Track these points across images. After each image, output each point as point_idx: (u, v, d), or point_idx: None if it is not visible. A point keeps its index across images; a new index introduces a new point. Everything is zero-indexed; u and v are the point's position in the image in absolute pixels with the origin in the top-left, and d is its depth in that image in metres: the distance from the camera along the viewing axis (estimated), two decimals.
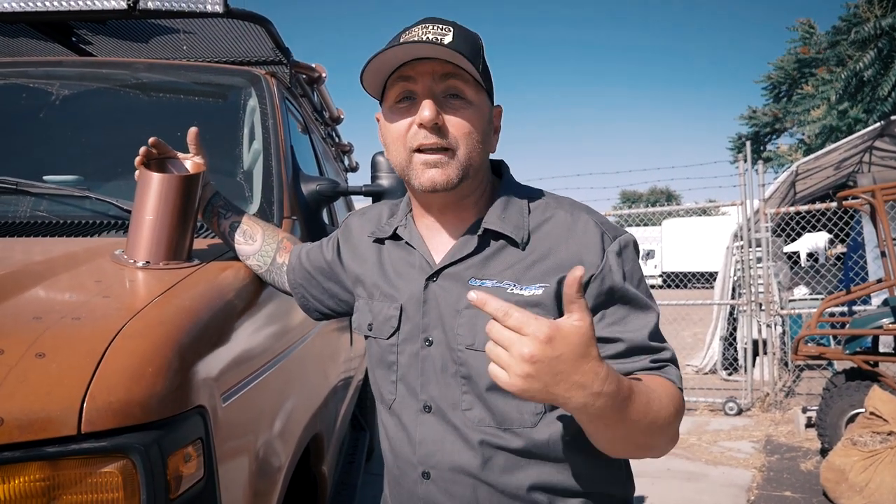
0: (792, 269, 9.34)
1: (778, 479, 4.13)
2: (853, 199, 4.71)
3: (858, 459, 3.39)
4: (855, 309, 5.64)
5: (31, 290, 1.11)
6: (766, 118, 17.33)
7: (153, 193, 1.34)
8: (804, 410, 5.11)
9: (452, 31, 1.01)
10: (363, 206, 1.49)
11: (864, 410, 3.73)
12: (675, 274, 9.59)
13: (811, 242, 14.11)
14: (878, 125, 7.47)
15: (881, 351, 4.48)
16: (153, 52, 2.54)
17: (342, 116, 3.62)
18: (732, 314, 7.25)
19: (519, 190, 1.12)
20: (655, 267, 25.10)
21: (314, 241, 1.41)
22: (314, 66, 2.68)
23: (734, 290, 7.06)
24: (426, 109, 0.99)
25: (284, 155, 1.93)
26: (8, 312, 1.01)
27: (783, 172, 8.14)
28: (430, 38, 0.99)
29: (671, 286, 8.29)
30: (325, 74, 2.77)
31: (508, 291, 1.01)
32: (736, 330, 7.19)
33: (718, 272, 7.41)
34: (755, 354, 6.05)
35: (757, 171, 6.18)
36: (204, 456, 0.98)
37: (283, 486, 1.35)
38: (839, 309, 5.60)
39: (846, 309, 5.67)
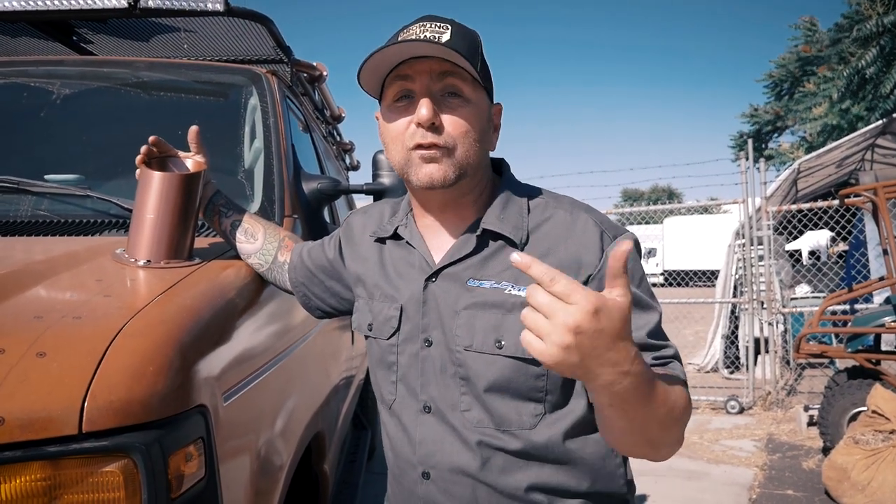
0: (794, 267, 9.33)
1: (780, 477, 4.12)
2: (855, 196, 4.70)
3: (860, 458, 3.39)
4: (857, 307, 5.64)
5: (31, 289, 1.11)
6: (767, 116, 17.29)
7: (154, 192, 1.34)
8: (806, 409, 5.11)
9: (450, 28, 1.01)
10: (364, 204, 1.48)
11: (866, 409, 3.73)
12: (676, 272, 9.59)
13: (813, 240, 14.09)
14: (880, 123, 7.46)
15: (883, 349, 4.48)
16: (154, 50, 2.54)
17: (343, 115, 3.62)
18: (734, 312, 7.25)
19: (519, 189, 1.11)
20: (657, 265, 25.07)
21: (315, 239, 1.41)
22: (315, 64, 2.68)
23: (736, 288, 7.05)
24: (423, 108, 0.99)
25: (285, 153, 1.93)
26: (9, 311, 1.01)
27: (785, 170, 8.12)
28: (427, 36, 0.99)
29: (673, 284, 8.27)
30: (326, 73, 2.77)
31: (507, 292, 1.01)
32: (737, 328, 7.19)
33: (720, 270, 7.40)
34: (757, 353, 6.04)
35: (759, 169, 6.16)
36: (205, 455, 0.98)
37: (284, 485, 1.35)
38: (841, 307, 5.60)
39: (848, 307, 5.67)
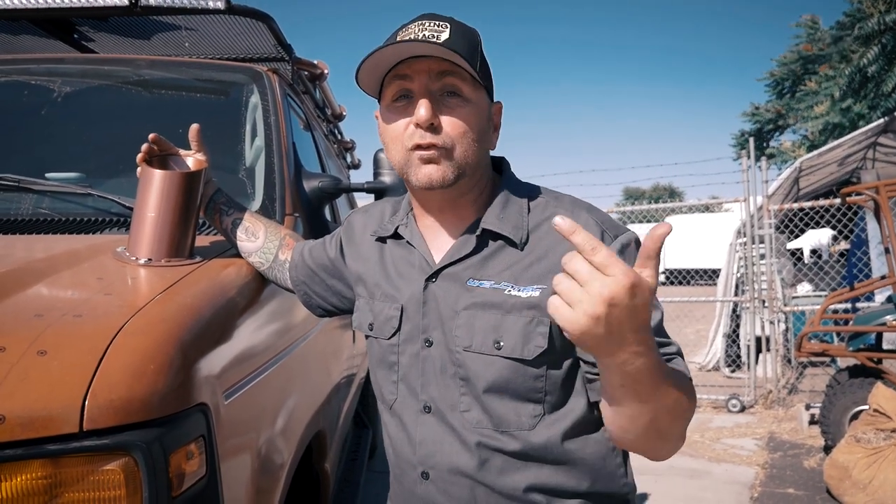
0: (795, 265, 9.31)
1: (781, 476, 4.12)
2: (857, 195, 4.69)
3: (862, 456, 3.39)
4: (858, 306, 5.63)
5: (32, 287, 1.11)
6: (769, 115, 17.24)
7: (155, 190, 1.34)
8: (807, 407, 5.11)
9: (449, 27, 1.00)
10: (365, 202, 1.48)
11: (867, 407, 3.72)
12: (678, 270, 9.57)
13: (814, 239, 14.08)
14: (881, 121, 7.46)
15: (885, 348, 4.47)
16: (155, 48, 2.54)
17: (344, 113, 3.61)
18: (735, 311, 7.23)
19: (519, 188, 1.10)
20: (658, 263, 25.02)
21: (316, 237, 1.40)
22: (316, 62, 2.67)
23: (737, 286, 7.04)
24: (422, 109, 0.98)
25: (286, 152, 1.93)
26: (9, 310, 1.01)
27: (786, 169, 8.12)
28: (426, 35, 0.98)
29: (674, 283, 8.25)
30: (327, 71, 2.77)
31: (506, 293, 1.00)
32: (739, 327, 7.18)
33: (721, 269, 7.39)
34: (758, 351, 6.04)
35: (760, 167, 6.15)
36: (206, 453, 0.98)
37: (285, 483, 1.35)
38: (843, 306, 5.59)
39: (850, 306, 5.65)
